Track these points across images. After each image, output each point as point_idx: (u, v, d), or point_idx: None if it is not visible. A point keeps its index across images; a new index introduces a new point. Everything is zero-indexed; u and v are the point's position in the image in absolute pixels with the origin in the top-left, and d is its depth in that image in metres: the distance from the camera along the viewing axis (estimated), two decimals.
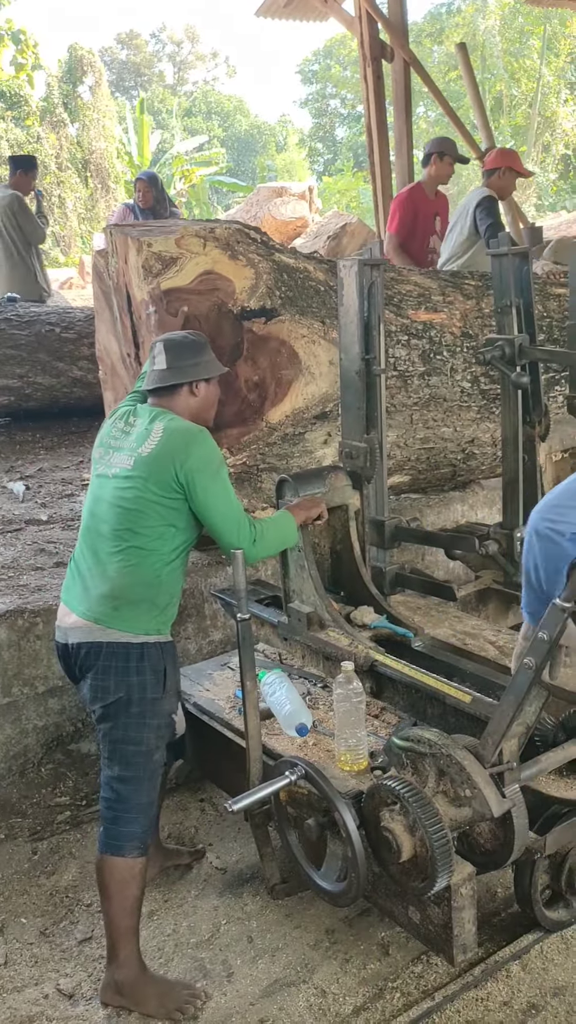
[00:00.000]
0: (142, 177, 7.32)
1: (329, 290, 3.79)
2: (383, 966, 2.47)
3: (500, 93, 25.33)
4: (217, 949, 2.59)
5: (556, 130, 25.09)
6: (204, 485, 2.46)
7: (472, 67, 8.69)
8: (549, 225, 14.94)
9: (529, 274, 3.39)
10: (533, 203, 23.15)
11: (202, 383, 2.62)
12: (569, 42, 25.21)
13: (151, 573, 2.46)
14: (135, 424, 2.57)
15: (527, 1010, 2.30)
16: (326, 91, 32.10)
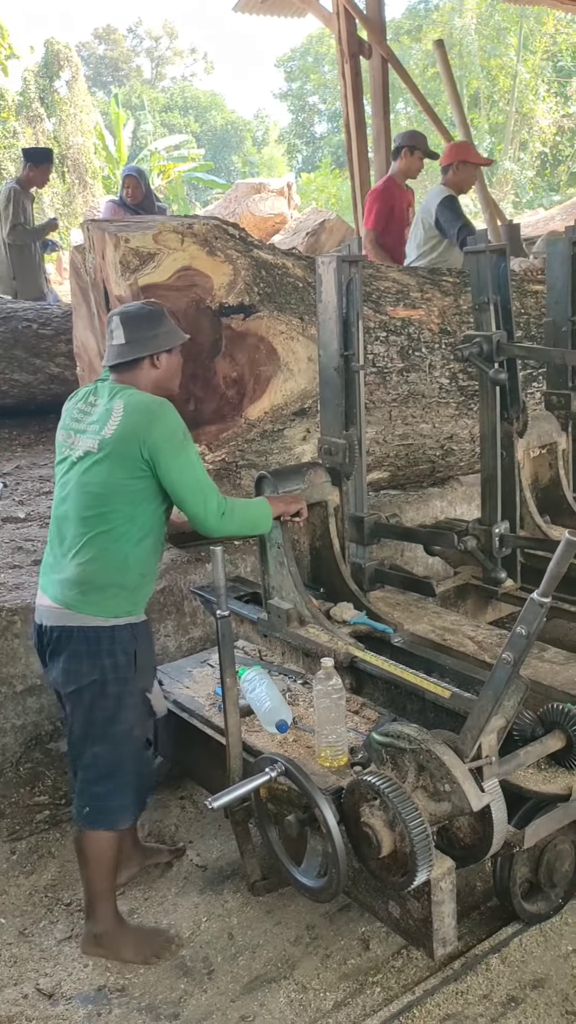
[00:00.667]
0: (131, 172, 7.26)
1: (308, 286, 3.79)
2: (363, 961, 2.48)
3: (478, 90, 25.42)
4: (198, 946, 2.59)
5: (533, 127, 25.22)
6: (169, 458, 2.45)
7: (450, 64, 8.71)
8: (527, 222, 15.01)
9: (507, 271, 3.40)
10: (511, 200, 23.27)
11: (163, 354, 2.60)
12: (545, 40, 25.34)
13: (119, 557, 2.46)
14: (96, 404, 2.56)
15: (507, 1003, 2.32)
16: (304, 88, 32.07)
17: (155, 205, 7.22)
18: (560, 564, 1.90)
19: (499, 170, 24.04)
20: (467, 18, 25.61)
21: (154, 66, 39.23)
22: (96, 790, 2.51)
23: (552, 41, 25.73)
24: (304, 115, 32.37)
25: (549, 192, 24.72)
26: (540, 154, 25.49)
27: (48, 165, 7.20)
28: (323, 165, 26.64)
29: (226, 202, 14.19)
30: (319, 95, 31.60)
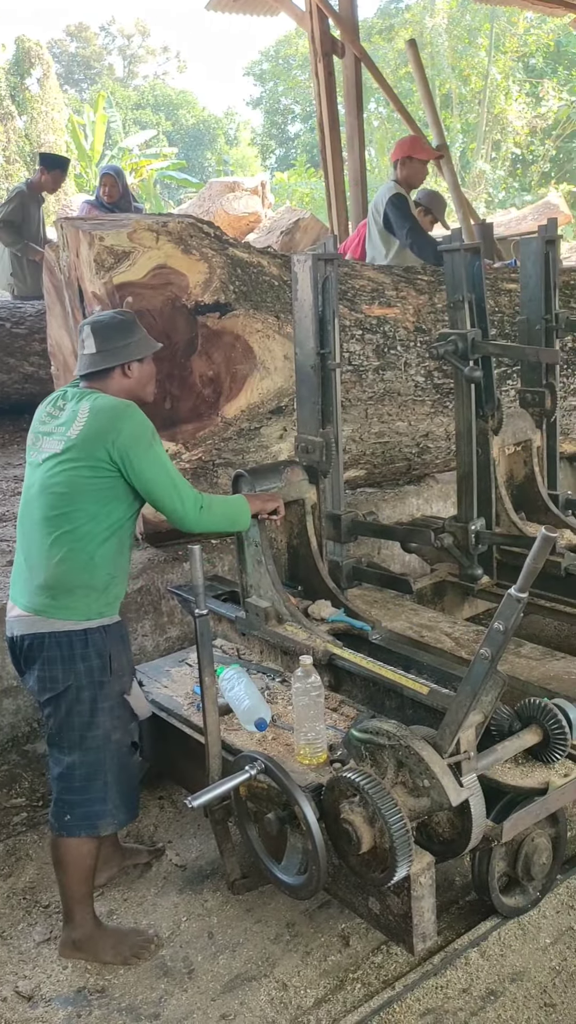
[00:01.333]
0: (108, 171, 7.22)
1: (283, 285, 3.79)
2: (344, 957, 2.49)
3: (450, 91, 25.52)
4: (178, 946, 2.59)
5: (506, 128, 25.37)
6: (139, 458, 2.45)
7: (422, 64, 8.73)
8: (499, 221, 15.10)
9: (481, 270, 3.42)
10: (483, 200, 23.40)
11: (135, 363, 2.59)
12: (515, 40, 25.49)
13: (84, 557, 2.45)
14: (64, 408, 2.55)
15: (486, 996, 2.33)
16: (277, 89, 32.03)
17: (132, 204, 7.19)
18: (536, 560, 1.92)
19: (472, 170, 24.16)
20: (438, 18, 25.71)
21: (126, 64, 39.02)
22: (75, 797, 2.49)
23: (522, 42, 25.90)
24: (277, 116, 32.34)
25: (521, 192, 24.88)
26: (513, 154, 25.65)
27: (60, 173, 7.12)
28: (297, 164, 26.64)
29: (200, 201, 14.13)
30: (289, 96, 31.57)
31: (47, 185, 7.08)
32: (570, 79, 24.63)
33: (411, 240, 5.44)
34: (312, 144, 26.34)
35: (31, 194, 7.10)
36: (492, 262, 6.32)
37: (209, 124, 35.17)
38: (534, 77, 26.36)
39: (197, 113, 35.22)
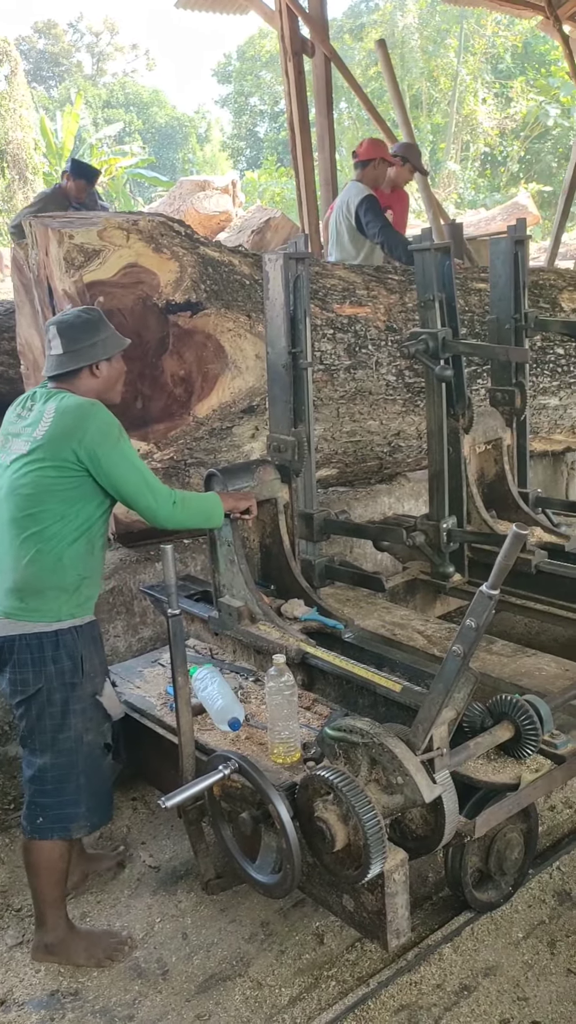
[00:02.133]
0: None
1: (255, 284, 3.79)
2: (318, 955, 2.49)
3: (419, 91, 25.64)
4: (152, 947, 2.58)
5: (476, 128, 25.54)
6: (107, 457, 2.43)
7: (392, 64, 8.77)
8: (469, 221, 15.20)
9: (451, 269, 3.44)
10: (454, 200, 23.53)
11: (103, 362, 2.58)
12: (484, 41, 25.66)
13: (53, 558, 2.43)
14: (32, 409, 2.54)
15: (459, 991, 2.35)
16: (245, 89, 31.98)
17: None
18: (508, 557, 1.93)
19: (443, 170, 24.29)
20: (408, 18, 25.82)
21: (95, 62, 38.77)
22: (48, 799, 2.47)
23: (491, 43, 26.09)
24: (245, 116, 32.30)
25: (491, 192, 25.06)
26: (483, 155, 25.83)
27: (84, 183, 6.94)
28: (267, 163, 26.62)
29: (170, 199, 14.10)
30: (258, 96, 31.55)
31: (70, 192, 6.97)
32: (538, 80, 24.84)
33: (383, 239, 5.51)
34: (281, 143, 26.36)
35: (54, 198, 7.01)
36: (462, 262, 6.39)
37: (181, 123, 35.04)
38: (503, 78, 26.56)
39: (168, 112, 35.08)
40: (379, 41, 8.63)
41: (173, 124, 34.49)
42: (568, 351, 4.79)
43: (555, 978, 2.38)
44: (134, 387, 3.41)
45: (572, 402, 4.93)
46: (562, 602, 3.45)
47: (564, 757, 2.40)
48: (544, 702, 2.43)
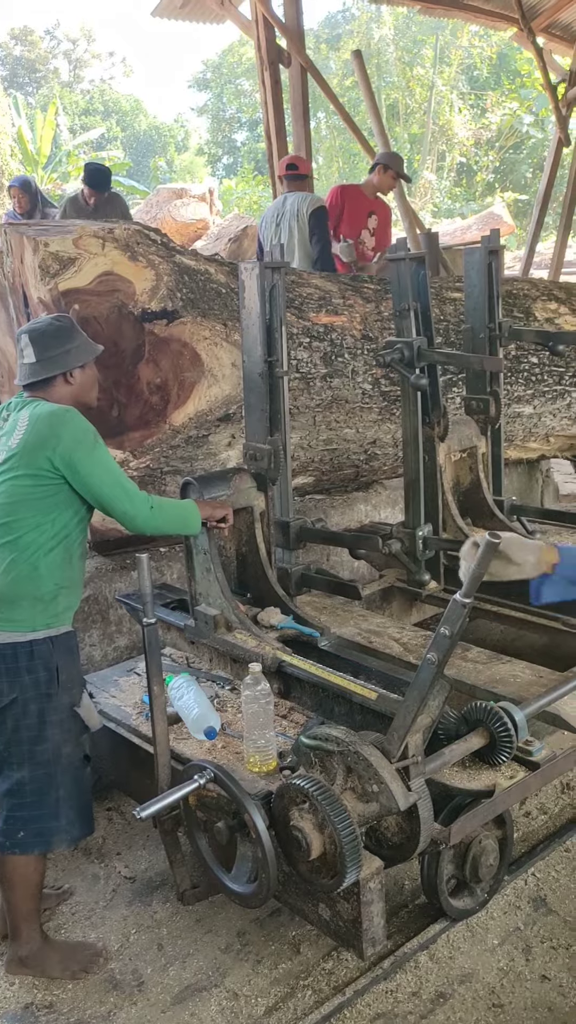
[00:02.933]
0: (14, 184, 7.12)
1: (231, 292, 3.80)
2: (294, 965, 2.48)
3: (395, 101, 25.82)
4: (127, 959, 2.56)
5: (452, 139, 25.75)
6: (82, 462, 2.43)
7: (368, 75, 8.83)
8: (445, 231, 15.32)
9: (426, 279, 3.46)
10: (430, 209, 23.70)
11: (76, 370, 2.57)
12: (459, 52, 25.89)
13: (27, 567, 2.42)
14: (7, 419, 2.53)
15: (435, 999, 2.35)
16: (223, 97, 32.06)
17: (45, 211, 7.11)
18: (481, 566, 1.94)
19: (419, 180, 24.47)
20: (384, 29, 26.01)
21: (72, 68, 38.71)
22: (27, 813, 2.45)
23: (467, 54, 26.34)
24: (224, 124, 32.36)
25: (467, 201, 25.27)
26: (458, 165, 26.04)
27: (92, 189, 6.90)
28: (244, 171, 26.68)
29: (147, 207, 14.09)
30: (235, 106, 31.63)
31: (87, 198, 6.93)
32: (512, 91, 25.10)
33: (318, 256, 5.77)
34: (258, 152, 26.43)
35: (74, 203, 6.98)
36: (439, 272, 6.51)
37: (160, 131, 35.05)
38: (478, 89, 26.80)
39: (148, 120, 35.08)
40: (355, 52, 8.69)
41: (151, 132, 34.49)
42: (542, 360, 4.83)
43: (530, 984, 2.39)
44: (110, 395, 3.41)
45: (546, 410, 4.98)
46: (538, 609, 3.47)
47: (538, 764, 2.42)
48: (519, 709, 2.45)
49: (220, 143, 32.59)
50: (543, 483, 5.72)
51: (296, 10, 7.93)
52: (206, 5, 8.71)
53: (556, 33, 11.03)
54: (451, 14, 10.65)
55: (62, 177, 21.60)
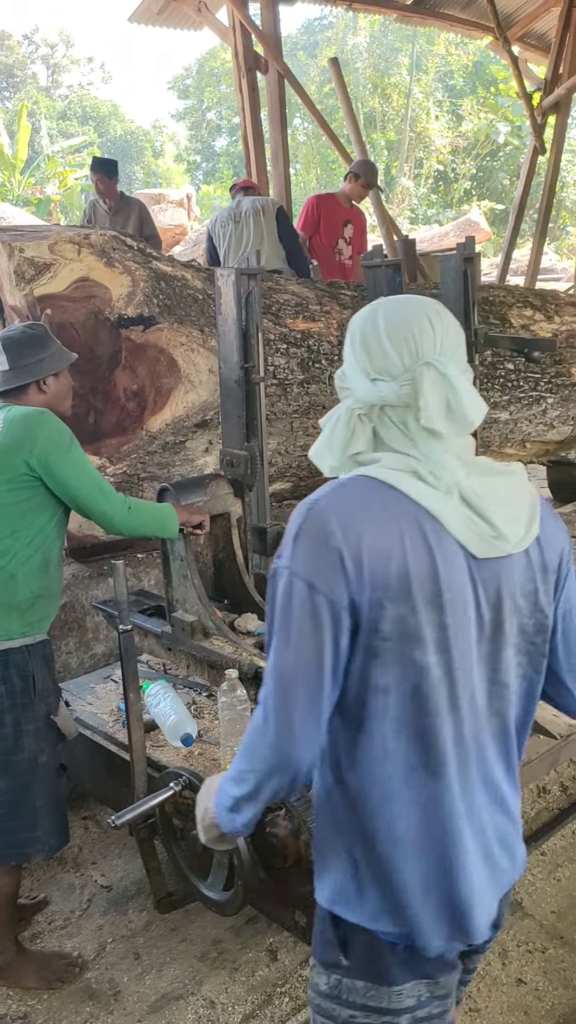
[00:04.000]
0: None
1: (208, 298, 3.80)
2: (271, 972, 2.48)
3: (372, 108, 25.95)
4: (103, 968, 2.55)
5: (429, 146, 25.92)
6: (58, 464, 2.42)
7: (344, 82, 8.87)
8: (422, 237, 15.42)
9: (401, 285, 3.48)
10: (407, 216, 23.83)
11: (50, 377, 2.56)
12: (436, 60, 26.07)
13: (5, 575, 2.41)
14: None
15: None
16: (202, 104, 32.09)
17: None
18: None
19: (396, 186, 24.61)
20: (360, 37, 26.16)
21: (50, 74, 38.60)
22: (2, 824, 2.42)
23: (443, 62, 26.53)
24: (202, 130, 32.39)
25: (444, 208, 25.44)
26: (435, 171, 26.21)
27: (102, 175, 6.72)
28: (224, 177, 26.71)
29: None
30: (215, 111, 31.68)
31: (97, 190, 6.86)
32: (488, 99, 25.31)
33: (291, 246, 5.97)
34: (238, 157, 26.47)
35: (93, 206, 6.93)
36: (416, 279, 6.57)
37: (136, 136, 35.01)
38: (454, 97, 27.00)
39: (125, 125, 35.04)
40: (332, 59, 8.74)
41: (128, 138, 34.45)
42: (518, 366, 4.87)
43: (506, 988, 2.40)
44: (86, 401, 3.40)
45: (522, 416, 5.01)
46: None
47: None
48: None
49: (199, 149, 32.61)
50: None
51: (273, 17, 7.95)
52: (183, 12, 8.71)
53: (531, 42, 11.15)
54: (427, 22, 10.73)
55: (40, 182, 21.55)
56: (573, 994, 2.40)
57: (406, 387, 1.31)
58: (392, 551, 1.25)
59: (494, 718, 1.37)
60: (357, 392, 1.37)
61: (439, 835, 1.32)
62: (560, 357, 5.03)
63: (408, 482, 1.29)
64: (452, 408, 1.30)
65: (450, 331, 1.35)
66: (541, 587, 1.36)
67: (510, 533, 1.31)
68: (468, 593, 1.31)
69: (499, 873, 1.39)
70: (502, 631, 1.35)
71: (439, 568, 1.27)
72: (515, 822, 1.42)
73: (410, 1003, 1.38)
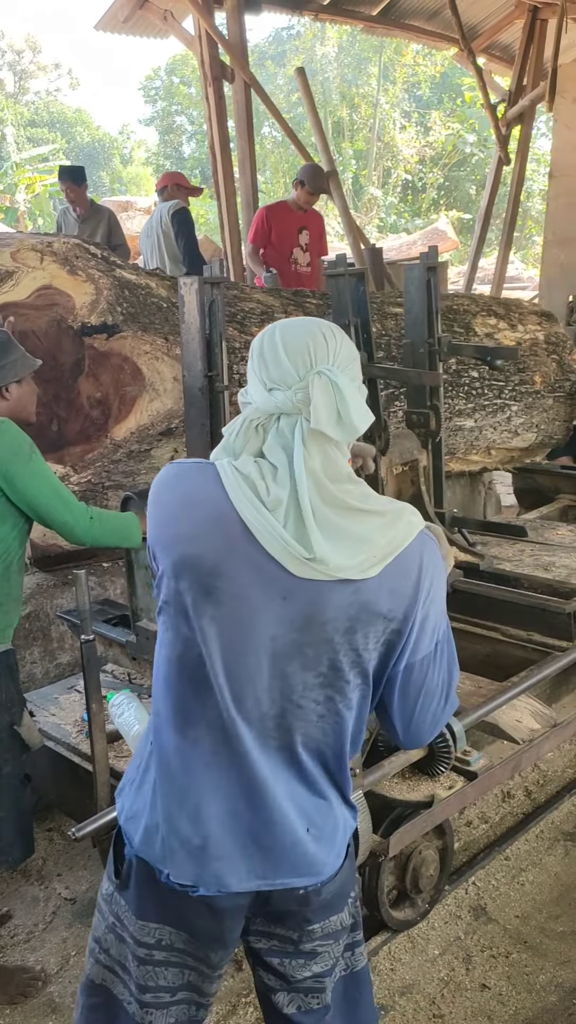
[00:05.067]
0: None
1: (172, 307, 3.79)
2: (236, 982, 2.47)
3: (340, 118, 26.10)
4: (67, 981, 2.52)
5: (397, 155, 26.11)
6: (19, 473, 2.39)
7: (311, 92, 8.91)
8: (390, 246, 15.51)
9: (365, 294, 3.50)
10: (376, 224, 23.97)
11: (12, 385, 2.55)
12: (404, 70, 26.28)
13: None
14: None
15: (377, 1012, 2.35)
16: (171, 108, 32.07)
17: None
18: None
19: (364, 195, 24.75)
20: (328, 47, 26.31)
21: (17, 80, 38.37)
22: None
23: (411, 72, 26.75)
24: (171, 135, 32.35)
25: (413, 217, 25.61)
26: (403, 180, 26.40)
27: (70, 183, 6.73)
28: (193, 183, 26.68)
29: None
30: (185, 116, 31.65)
31: (68, 198, 6.84)
32: (455, 110, 25.56)
33: (186, 253, 6.10)
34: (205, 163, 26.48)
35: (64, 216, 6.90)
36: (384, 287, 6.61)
37: (104, 143, 34.90)
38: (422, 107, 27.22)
39: (93, 132, 34.91)
40: (298, 69, 8.77)
41: (96, 145, 34.33)
42: (482, 374, 4.91)
43: (470, 993, 2.41)
44: (50, 409, 3.38)
45: (487, 424, 5.06)
46: (477, 620, 3.53)
47: (476, 773, 2.45)
48: (457, 720, 2.48)
49: (169, 153, 32.55)
50: (486, 495, 5.80)
51: (239, 27, 7.98)
52: (149, 20, 8.72)
53: (495, 54, 11.29)
54: (392, 33, 10.83)
55: (8, 189, 21.41)
56: (537, 998, 2.41)
57: (300, 394, 1.39)
58: (193, 537, 1.38)
59: (282, 731, 1.43)
60: (256, 403, 1.44)
61: (182, 784, 1.45)
62: (524, 365, 5.08)
63: (237, 485, 1.37)
64: (341, 415, 1.37)
65: (343, 347, 1.44)
66: (361, 628, 1.39)
67: (332, 561, 1.35)
68: (262, 601, 1.38)
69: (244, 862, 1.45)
70: (302, 653, 1.40)
71: (223, 566, 1.37)
72: (283, 835, 1.45)
73: None
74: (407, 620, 1.41)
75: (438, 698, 1.51)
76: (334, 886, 1.51)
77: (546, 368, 5.22)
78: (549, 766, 3.50)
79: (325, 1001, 1.57)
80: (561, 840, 3.07)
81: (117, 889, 1.54)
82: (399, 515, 1.42)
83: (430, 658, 1.47)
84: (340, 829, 1.50)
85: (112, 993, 1.57)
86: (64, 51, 67.12)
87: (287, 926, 1.52)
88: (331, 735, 1.45)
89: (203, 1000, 1.58)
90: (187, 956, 1.51)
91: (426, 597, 1.43)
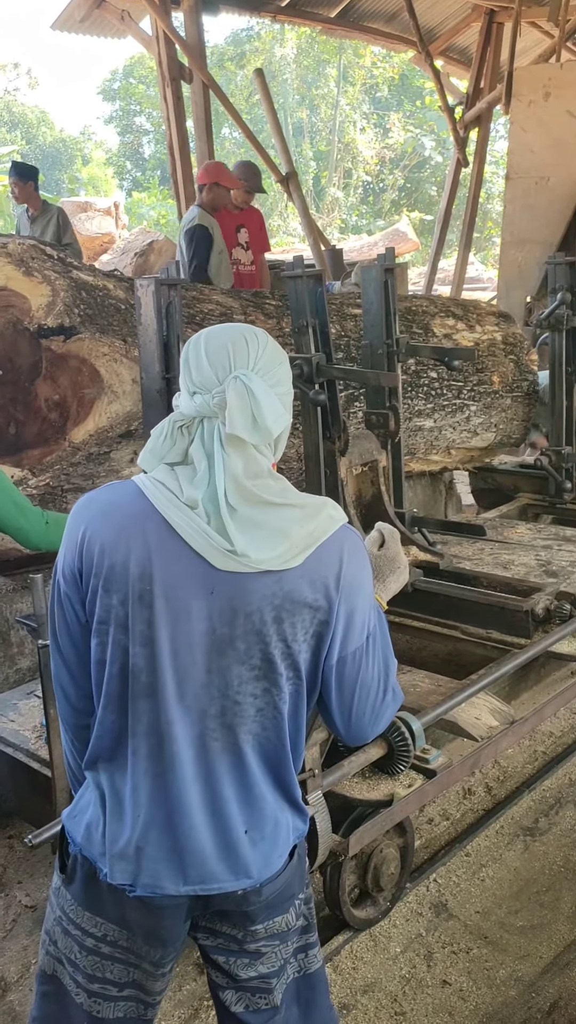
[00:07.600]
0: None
1: (130, 308, 3.77)
2: (199, 985, 2.46)
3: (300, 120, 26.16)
4: (27, 990, 2.49)
5: (357, 157, 26.22)
6: None
7: (270, 93, 8.93)
8: (351, 247, 15.56)
9: (323, 296, 3.51)
10: (337, 226, 24.05)
11: None
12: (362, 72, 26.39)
13: None
14: None
15: (338, 1011, 2.36)
16: (130, 108, 31.88)
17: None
18: None
19: (326, 196, 24.82)
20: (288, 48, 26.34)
21: None
22: None
23: (369, 74, 26.88)
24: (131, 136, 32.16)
25: (374, 218, 25.73)
26: (363, 182, 26.52)
27: (15, 177, 6.61)
28: (152, 185, 26.59)
29: None
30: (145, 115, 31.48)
31: (13, 194, 6.73)
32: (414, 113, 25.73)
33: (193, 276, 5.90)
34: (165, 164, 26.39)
35: (22, 219, 6.79)
36: None
37: (66, 144, 34.59)
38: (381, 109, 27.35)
39: (54, 133, 34.58)
40: (256, 71, 8.79)
41: (59, 145, 34.01)
42: (441, 375, 4.95)
43: (431, 990, 2.43)
44: (6, 413, 3.35)
45: (446, 424, 5.10)
46: (437, 619, 3.55)
47: (435, 771, 2.47)
48: (416, 718, 2.49)
49: (129, 154, 32.35)
50: (446, 495, 5.85)
51: (197, 27, 7.97)
52: (107, 20, 8.67)
53: (453, 56, 11.39)
54: (351, 35, 10.88)
55: None
56: (497, 993, 2.44)
57: (217, 398, 1.42)
58: (117, 546, 1.42)
59: (224, 730, 1.45)
60: (180, 406, 1.48)
61: (119, 788, 1.48)
62: (482, 365, 5.13)
63: (156, 490, 1.42)
64: (256, 419, 1.40)
65: (266, 352, 1.47)
66: (288, 618, 1.42)
67: (252, 552, 1.38)
68: (192, 599, 1.41)
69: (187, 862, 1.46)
70: (234, 647, 1.42)
71: (154, 570, 1.40)
72: (218, 837, 1.46)
73: None
74: (331, 611, 1.44)
75: (375, 691, 1.54)
76: (275, 887, 1.51)
77: (504, 368, 5.28)
78: (509, 762, 3.54)
79: (273, 1002, 1.57)
80: (520, 835, 3.10)
81: (63, 883, 1.56)
82: (319, 508, 1.46)
83: (362, 651, 1.50)
84: (283, 831, 1.51)
85: (62, 984, 1.58)
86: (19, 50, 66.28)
87: (231, 924, 1.53)
88: (272, 730, 1.47)
89: (149, 999, 1.58)
90: (130, 954, 1.52)
91: (349, 588, 1.45)
